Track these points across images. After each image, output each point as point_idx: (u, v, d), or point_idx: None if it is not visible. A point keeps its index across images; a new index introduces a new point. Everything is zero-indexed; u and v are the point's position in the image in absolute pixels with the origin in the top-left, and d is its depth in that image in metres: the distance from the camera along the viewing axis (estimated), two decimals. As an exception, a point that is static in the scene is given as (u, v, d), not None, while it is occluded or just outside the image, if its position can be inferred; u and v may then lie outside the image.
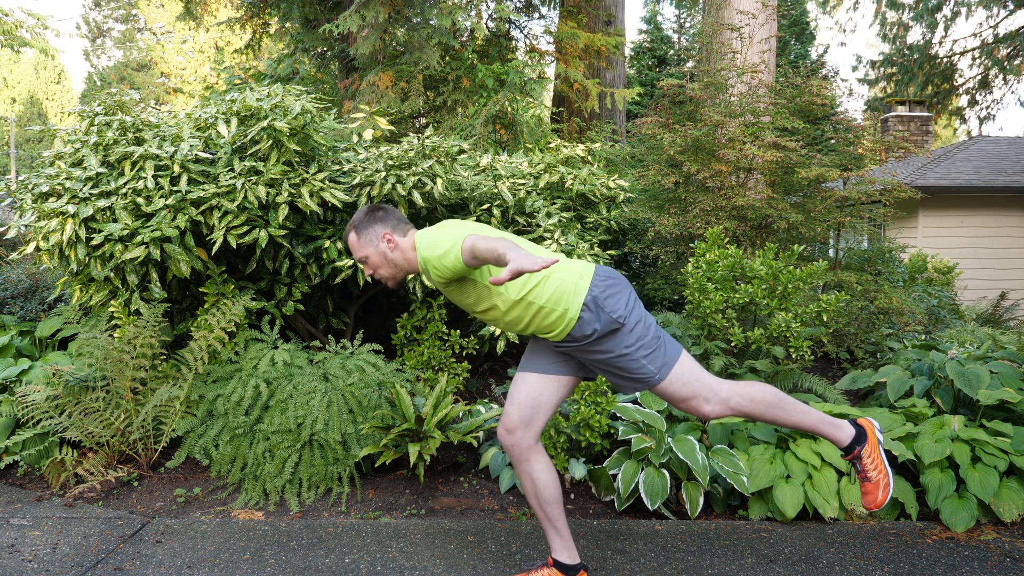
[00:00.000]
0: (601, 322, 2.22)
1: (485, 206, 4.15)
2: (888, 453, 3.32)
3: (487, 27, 8.84)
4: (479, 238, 2.04)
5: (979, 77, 15.08)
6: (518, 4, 9.54)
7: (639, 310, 2.28)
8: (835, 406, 3.49)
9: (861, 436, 2.34)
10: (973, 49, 14.74)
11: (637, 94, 8.82)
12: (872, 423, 2.39)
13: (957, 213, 10.06)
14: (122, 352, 3.52)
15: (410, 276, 3.87)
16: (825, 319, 3.86)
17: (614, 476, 3.19)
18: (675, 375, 2.26)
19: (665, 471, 3.08)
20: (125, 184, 3.51)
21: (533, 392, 2.41)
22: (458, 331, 4.17)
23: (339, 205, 3.68)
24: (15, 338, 4.28)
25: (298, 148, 3.65)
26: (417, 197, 3.73)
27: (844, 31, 26.11)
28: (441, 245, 2.16)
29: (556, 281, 2.24)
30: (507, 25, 9.03)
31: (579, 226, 4.59)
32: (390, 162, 3.82)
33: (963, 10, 14.52)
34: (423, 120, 8.30)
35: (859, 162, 4.67)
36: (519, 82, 6.98)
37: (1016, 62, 13.91)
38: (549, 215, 4.28)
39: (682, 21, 22.28)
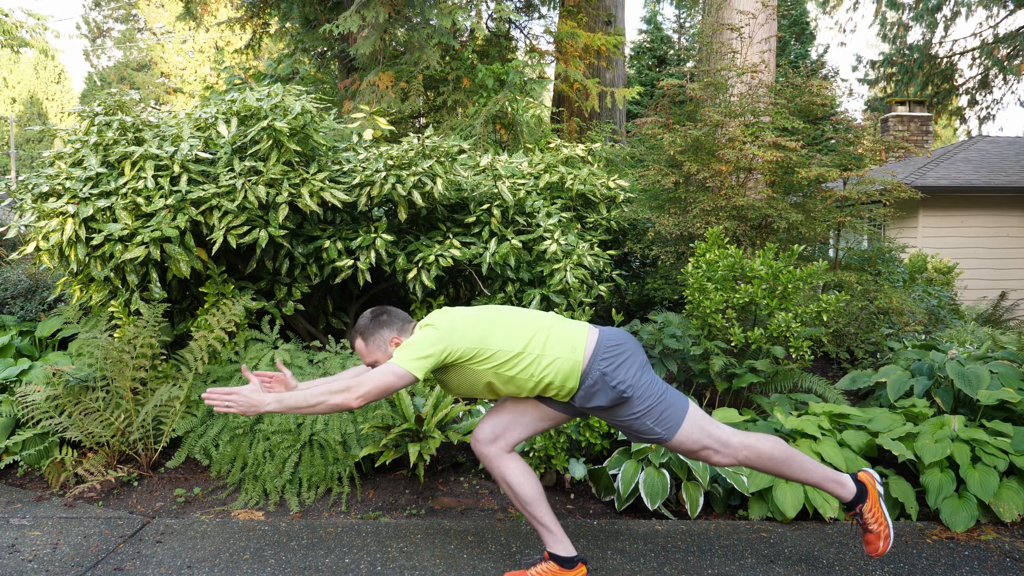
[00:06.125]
0: (608, 398, 2.29)
1: (485, 206, 4.15)
2: (888, 453, 3.32)
3: (487, 27, 8.84)
4: (384, 375, 2.20)
5: (979, 77, 15.08)
6: (518, 4, 9.53)
7: (648, 375, 2.33)
8: (835, 406, 3.49)
9: (862, 494, 2.43)
10: (973, 49, 14.73)
11: (637, 94, 8.81)
12: (872, 476, 2.48)
13: (957, 213, 10.06)
14: (122, 352, 3.52)
15: (411, 275, 3.87)
16: (825, 319, 3.86)
17: (614, 476, 3.19)
18: (684, 432, 2.34)
19: (665, 471, 3.08)
20: (125, 184, 3.51)
21: (516, 412, 2.47)
22: (458, 331, 4.16)
23: (339, 205, 3.68)
24: (15, 338, 4.28)
25: (298, 148, 3.65)
26: (417, 197, 3.73)
27: (844, 31, 26.10)
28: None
29: (549, 357, 2.29)
30: (507, 25, 9.02)
31: (579, 226, 4.59)
32: (390, 162, 3.82)
33: (963, 10, 14.52)
34: (423, 120, 8.29)
35: (859, 162, 4.67)
36: (519, 82, 6.98)
37: (1016, 62, 13.91)
38: (549, 215, 4.28)
39: (682, 21, 22.27)
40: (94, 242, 3.40)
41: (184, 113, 4.07)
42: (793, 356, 3.87)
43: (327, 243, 3.84)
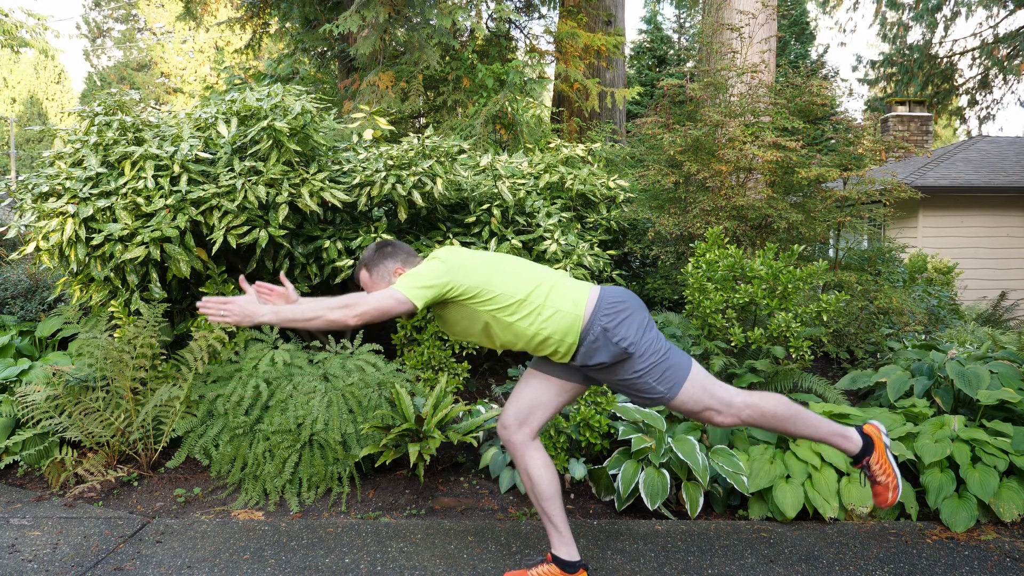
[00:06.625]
0: (610, 353, 2.25)
1: (485, 206, 4.15)
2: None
3: (487, 27, 8.84)
4: (383, 297, 2.21)
5: (979, 77, 15.08)
6: (518, 4, 9.53)
7: (650, 333, 2.30)
8: (835, 406, 3.49)
9: (868, 446, 2.40)
10: (973, 49, 14.73)
11: (637, 94, 8.81)
12: (878, 428, 2.44)
13: (957, 213, 10.06)
14: (122, 352, 3.52)
15: None
16: (825, 319, 3.86)
17: (614, 476, 3.19)
18: (686, 392, 2.30)
19: (665, 471, 3.08)
20: (125, 184, 3.51)
21: (534, 393, 2.45)
22: (458, 331, 4.16)
23: (339, 205, 3.68)
24: (15, 338, 4.28)
25: (298, 148, 3.65)
26: (417, 197, 3.73)
27: (844, 31, 26.08)
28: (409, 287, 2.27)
29: (550, 309, 2.27)
30: (507, 25, 9.03)
31: (579, 226, 4.59)
32: (390, 162, 3.82)
33: (963, 10, 14.52)
34: (423, 120, 8.30)
35: (859, 162, 4.67)
36: (519, 82, 6.98)
37: (1016, 62, 13.91)
38: (549, 215, 4.28)
39: (682, 21, 22.28)
40: (94, 242, 3.40)
41: (184, 113, 4.07)
42: (793, 356, 3.87)
43: (327, 243, 3.84)
